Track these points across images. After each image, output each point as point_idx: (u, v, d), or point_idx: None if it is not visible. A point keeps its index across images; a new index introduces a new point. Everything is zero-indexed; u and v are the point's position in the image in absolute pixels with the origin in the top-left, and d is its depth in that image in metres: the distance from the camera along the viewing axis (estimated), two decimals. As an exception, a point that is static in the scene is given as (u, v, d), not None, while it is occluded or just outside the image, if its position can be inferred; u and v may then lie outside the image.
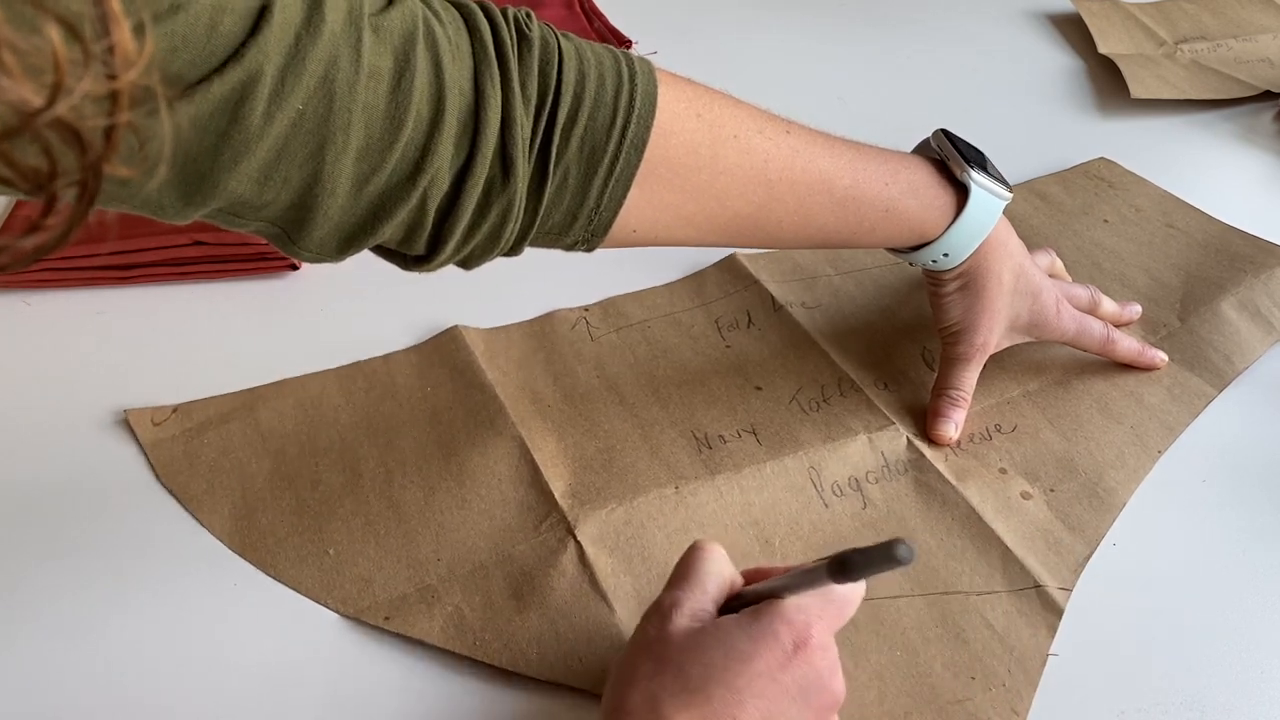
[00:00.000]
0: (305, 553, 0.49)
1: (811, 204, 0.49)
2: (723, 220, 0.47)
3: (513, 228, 0.42)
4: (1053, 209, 0.73)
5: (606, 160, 0.42)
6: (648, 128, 0.42)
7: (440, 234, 0.40)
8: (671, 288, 0.66)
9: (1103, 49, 0.94)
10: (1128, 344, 0.58)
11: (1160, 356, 0.59)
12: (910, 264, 0.55)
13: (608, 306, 0.64)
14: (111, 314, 0.62)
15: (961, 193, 0.52)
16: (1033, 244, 0.60)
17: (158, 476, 0.52)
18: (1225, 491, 0.54)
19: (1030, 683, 0.44)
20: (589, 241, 0.45)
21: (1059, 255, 0.63)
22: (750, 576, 0.41)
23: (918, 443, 0.55)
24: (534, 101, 0.40)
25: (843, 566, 0.34)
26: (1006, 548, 0.49)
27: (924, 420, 0.56)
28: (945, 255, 0.53)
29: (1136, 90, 0.86)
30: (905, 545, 0.33)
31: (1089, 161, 0.79)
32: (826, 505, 0.51)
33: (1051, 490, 0.53)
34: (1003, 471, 0.53)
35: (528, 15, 0.41)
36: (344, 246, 0.39)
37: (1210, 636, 0.47)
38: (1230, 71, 0.90)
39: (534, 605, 0.46)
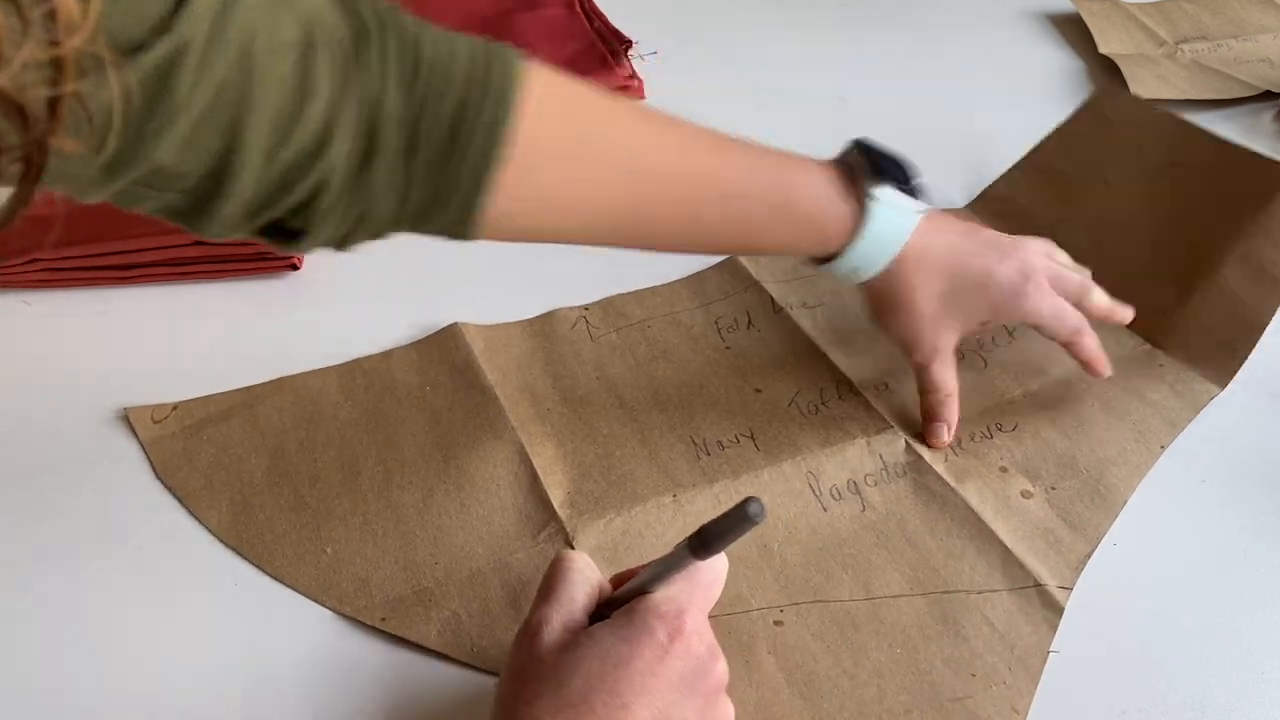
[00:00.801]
0: (303, 550, 0.49)
1: (696, 200, 0.48)
2: (602, 210, 0.47)
3: (384, 208, 0.42)
4: (1053, 188, 0.71)
5: (472, 141, 0.41)
6: (511, 108, 0.42)
7: (318, 212, 0.40)
8: (672, 287, 0.66)
9: (1103, 49, 0.94)
10: (1093, 345, 0.56)
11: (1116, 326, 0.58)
12: (840, 277, 0.53)
13: (607, 306, 0.64)
14: (112, 314, 0.62)
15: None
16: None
17: (157, 474, 0.53)
18: (1225, 491, 0.54)
19: (1031, 680, 0.44)
20: (463, 226, 0.44)
21: (1062, 246, 0.61)
22: (619, 580, 0.41)
23: (916, 445, 0.55)
24: (401, 81, 0.40)
25: (703, 541, 0.35)
26: (1006, 548, 0.50)
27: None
28: (855, 269, 0.52)
29: (1136, 90, 0.86)
30: (756, 502, 0.33)
31: (1089, 100, 0.75)
32: (825, 509, 0.51)
33: (1052, 488, 0.53)
34: (1003, 470, 0.54)
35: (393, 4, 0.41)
36: (251, 216, 0.39)
37: (1211, 637, 0.47)
38: (1230, 71, 0.90)
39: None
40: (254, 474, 0.52)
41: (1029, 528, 0.51)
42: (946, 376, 0.55)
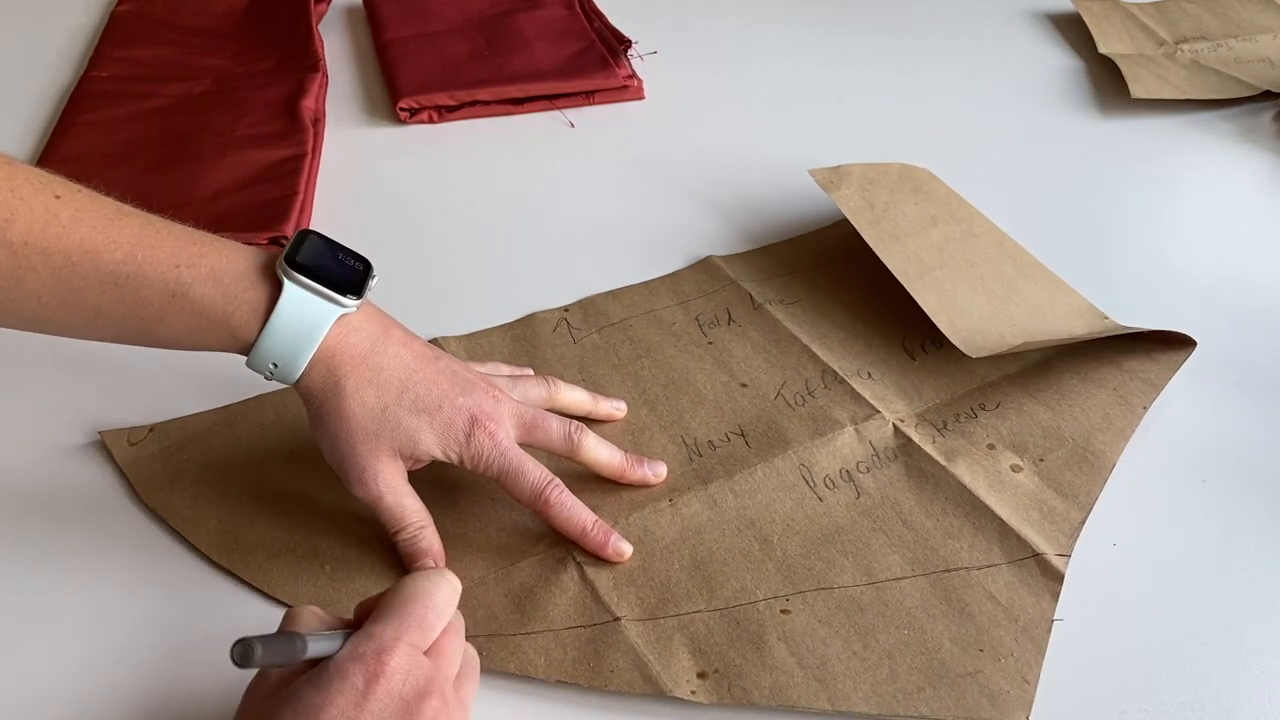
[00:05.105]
0: (300, 569, 0.52)
1: (73, 278, 0.46)
2: None
3: None
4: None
5: None
6: None
7: None
8: (650, 285, 0.71)
9: (1103, 49, 1.00)
10: (561, 515, 0.52)
11: (657, 472, 0.56)
12: (267, 378, 0.50)
13: (587, 306, 0.69)
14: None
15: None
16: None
17: (138, 496, 0.55)
18: (1225, 491, 0.58)
19: (1038, 650, 0.48)
20: None
21: None
22: (362, 611, 0.42)
23: (905, 429, 0.59)
24: None
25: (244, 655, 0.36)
26: (1002, 521, 0.54)
27: (910, 404, 0.61)
28: (275, 366, 0.49)
29: (1136, 90, 0.91)
30: (242, 644, 0.35)
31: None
32: (820, 499, 0.55)
33: (1041, 460, 0.57)
34: (991, 447, 0.58)
35: None
36: None
37: (1211, 636, 0.50)
38: (1230, 71, 0.96)
39: (537, 618, 0.50)
40: (241, 493, 0.55)
41: (1022, 500, 0.55)
42: (407, 504, 0.51)
